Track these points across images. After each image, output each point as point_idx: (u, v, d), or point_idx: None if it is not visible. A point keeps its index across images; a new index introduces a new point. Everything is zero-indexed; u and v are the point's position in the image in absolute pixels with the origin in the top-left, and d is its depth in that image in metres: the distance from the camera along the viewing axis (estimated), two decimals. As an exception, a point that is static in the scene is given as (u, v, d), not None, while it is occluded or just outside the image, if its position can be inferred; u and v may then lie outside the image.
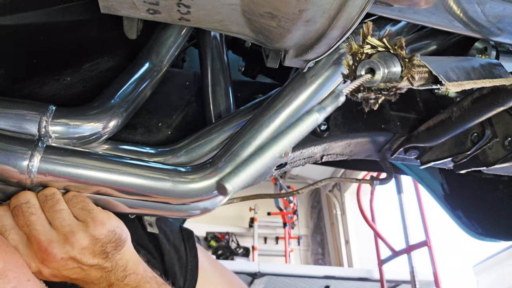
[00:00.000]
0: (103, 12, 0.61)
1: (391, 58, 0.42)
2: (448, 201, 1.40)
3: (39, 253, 0.70)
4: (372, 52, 0.42)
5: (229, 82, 0.97)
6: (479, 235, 1.35)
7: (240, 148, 0.78)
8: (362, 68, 0.43)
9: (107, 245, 0.73)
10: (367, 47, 0.42)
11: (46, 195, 0.72)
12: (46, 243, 0.69)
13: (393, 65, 0.42)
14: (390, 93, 0.42)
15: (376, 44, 0.42)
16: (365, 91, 0.44)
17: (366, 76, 0.42)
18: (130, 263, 0.77)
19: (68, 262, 0.71)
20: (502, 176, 1.30)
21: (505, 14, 0.60)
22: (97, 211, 0.74)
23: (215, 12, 0.60)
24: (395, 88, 0.42)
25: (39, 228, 0.70)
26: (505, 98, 0.82)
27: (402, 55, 0.41)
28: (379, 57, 0.42)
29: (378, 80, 0.42)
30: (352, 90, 0.44)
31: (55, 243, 0.69)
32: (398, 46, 0.41)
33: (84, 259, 0.71)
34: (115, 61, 0.92)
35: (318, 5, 0.51)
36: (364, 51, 0.42)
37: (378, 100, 0.44)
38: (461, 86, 0.49)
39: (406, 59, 0.41)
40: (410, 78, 0.41)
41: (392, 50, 0.41)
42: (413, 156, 1.17)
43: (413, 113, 1.14)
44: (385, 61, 0.41)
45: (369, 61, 0.42)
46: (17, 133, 0.71)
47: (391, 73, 0.42)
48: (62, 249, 0.70)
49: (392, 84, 0.42)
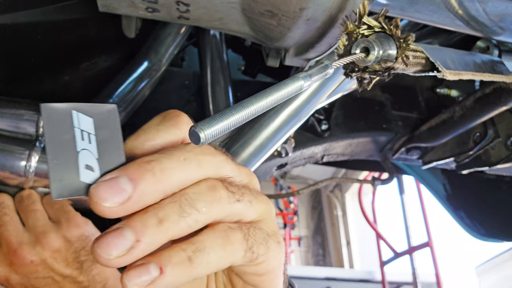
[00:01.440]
0: (102, 10, 0.61)
1: (387, 40, 0.41)
2: (450, 202, 1.40)
3: (8, 255, 0.66)
4: (368, 33, 0.42)
5: (229, 81, 0.96)
6: (482, 236, 1.34)
7: (240, 148, 0.77)
8: (357, 47, 0.42)
9: (80, 252, 0.68)
10: (363, 27, 0.42)
11: (22, 196, 0.70)
12: (16, 244, 0.65)
13: (388, 47, 0.41)
14: (384, 74, 0.42)
15: (372, 24, 0.41)
16: (360, 71, 0.43)
17: (359, 54, 0.41)
18: (110, 281, 0.71)
19: (38, 267, 0.66)
20: (504, 176, 1.30)
21: (507, 12, 0.60)
22: (74, 214, 0.70)
23: (214, 10, 0.59)
24: (389, 69, 0.41)
25: (10, 229, 0.66)
26: (507, 97, 0.82)
27: (397, 35, 0.40)
28: (375, 38, 0.42)
29: (372, 60, 0.41)
30: (347, 69, 0.44)
31: (25, 245, 0.65)
32: (394, 26, 0.41)
33: (56, 266, 0.66)
34: (113, 60, 0.91)
35: (319, 4, 0.50)
36: (360, 32, 0.42)
37: (372, 80, 0.44)
38: (459, 75, 0.48)
39: (401, 39, 0.41)
40: (404, 58, 0.41)
41: (388, 30, 0.41)
42: (415, 156, 1.16)
43: (415, 112, 1.14)
44: (381, 42, 0.41)
45: (364, 39, 0.41)
46: (14, 133, 0.71)
47: (386, 55, 0.41)
48: (32, 250, 0.65)
49: (386, 65, 0.41)
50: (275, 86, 0.34)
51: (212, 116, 0.30)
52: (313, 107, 0.80)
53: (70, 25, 0.75)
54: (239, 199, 0.36)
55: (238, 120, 0.31)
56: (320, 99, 0.80)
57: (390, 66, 0.41)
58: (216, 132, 0.30)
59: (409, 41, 0.41)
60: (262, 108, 0.33)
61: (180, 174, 0.33)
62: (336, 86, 0.79)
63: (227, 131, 0.31)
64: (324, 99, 0.81)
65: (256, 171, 0.95)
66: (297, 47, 0.66)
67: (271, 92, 0.34)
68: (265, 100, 0.33)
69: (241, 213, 0.36)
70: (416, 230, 4.29)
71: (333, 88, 0.80)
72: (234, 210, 0.35)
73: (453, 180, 1.40)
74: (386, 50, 0.41)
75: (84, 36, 0.82)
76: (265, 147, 0.78)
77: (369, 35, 0.42)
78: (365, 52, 0.41)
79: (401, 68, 0.42)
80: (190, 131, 0.29)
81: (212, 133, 0.29)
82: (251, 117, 0.33)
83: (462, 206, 1.38)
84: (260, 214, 0.38)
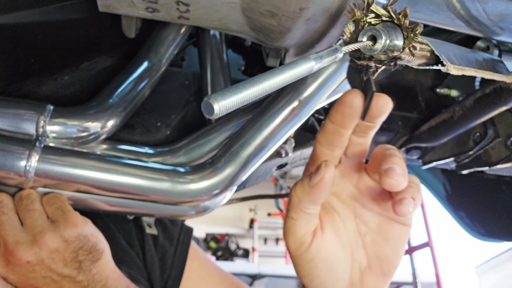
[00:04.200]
0: (101, 10, 0.61)
1: (394, 30, 0.41)
2: (450, 202, 1.40)
3: (5, 255, 0.65)
4: (376, 22, 0.42)
5: (229, 81, 0.96)
6: (482, 236, 1.34)
7: (240, 148, 0.77)
8: (364, 35, 0.42)
9: (78, 251, 0.68)
10: (371, 15, 0.42)
11: (21, 195, 0.69)
12: (13, 244, 0.65)
13: (395, 36, 0.41)
14: (390, 63, 0.42)
15: (380, 12, 0.41)
16: (365, 59, 0.43)
17: (366, 42, 0.41)
18: (110, 280, 0.70)
19: (36, 268, 0.65)
20: (504, 176, 1.30)
21: (507, 12, 0.60)
22: (73, 213, 0.70)
23: (214, 10, 0.59)
24: (395, 59, 0.41)
25: (7, 228, 0.66)
26: (507, 97, 0.82)
27: (405, 25, 0.40)
28: (382, 27, 0.42)
29: (379, 49, 0.41)
30: (353, 57, 0.44)
31: (22, 245, 0.65)
32: (402, 15, 0.40)
33: (54, 265, 0.66)
34: (113, 60, 0.91)
35: (319, 4, 0.50)
36: (367, 20, 0.42)
37: (378, 69, 0.44)
38: (462, 70, 0.48)
39: (409, 29, 0.40)
40: (411, 48, 0.41)
41: (396, 20, 0.41)
42: (415, 156, 1.16)
43: (415, 112, 1.14)
44: (388, 32, 0.41)
45: (371, 28, 0.41)
46: (14, 133, 0.71)
47: (393, 45, 0.41)
48: (29, 250, 0.65)
49: (393, 55, 0.41)
50: (288, 64, 0.34)
51: (225, 88, 0.30)
52: (313, 107, 0.80)
53: (70, 25, 0.75)
54: None
55: (251, 95, 0.31)
56: (320, 99, 0.80)
57: (397, 56, 0.41)
58: (230, 105, 0.29)
59: (417, 31, 0.40)
60: (275, 85, 0.33)
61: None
62: (336, 86, 0.79)
63: (239, 105, 0.30)
64: (324, 99, 0.81)
65: (256, 171, 0.96)
66: (297, 47, 0.66)
67: (283, 70, 0.34)
68: (277, 77, 0.33)
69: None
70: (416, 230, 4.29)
71: (333, 88, 0.80)
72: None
73: (453, 180, 1.41)
74: (393, 39, 0.41)
75: (84, 36, 0.82)
76: (265, 147, 0.78)
77: (376, 24, 0.42)
78: (372, 40, 0.41)
79: (407, 59, 0.42)
80: (204, 102, 0.29)
81: (226, 105, 0.29)
82: (264, 94, 0.32)
83: (462, 206, 1.38)
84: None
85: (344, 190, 0.58)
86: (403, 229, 0.56)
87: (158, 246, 0.96)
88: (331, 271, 0.56)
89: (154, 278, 0.91)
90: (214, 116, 0.29)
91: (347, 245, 0.57)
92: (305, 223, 0.55)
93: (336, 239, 0.57)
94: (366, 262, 0.57)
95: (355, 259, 0.57)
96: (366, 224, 0.57)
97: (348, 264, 0.57)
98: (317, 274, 0.56)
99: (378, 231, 0.56)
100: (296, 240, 0.56)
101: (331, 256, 0.56)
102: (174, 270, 0.95)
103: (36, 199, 0.70)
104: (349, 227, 0.58)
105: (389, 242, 0.56)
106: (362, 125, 0.51)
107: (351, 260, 0.57)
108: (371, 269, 0.57)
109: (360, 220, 0.58)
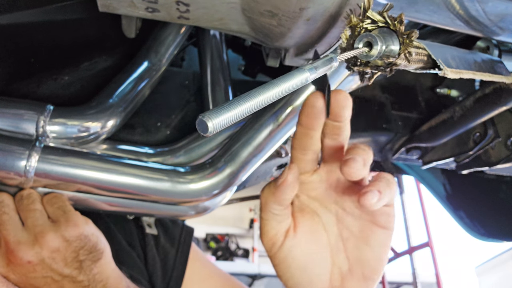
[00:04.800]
0: (102, 10, 0.61)
1: (390, 35, 0.41)
2: (450, 202, 1.40)
3: (6, 254, 0.65)
4: (372, 28, 0.42)
5: (229, 81, 0.96)
6: (482, 236, 1.34)
7: (240, 148, 0.77)
8: (360, 41, 0.42)
9: (79, 251, 0.68)
10: (367, 21, 0.42)
11: (22, 195, 0.70)
12: (14, 244, 0.65)
13: (391, 42, 0.41)
14: (386, 69, 0.42)
15: (376, 18, 0.41)
16: (362, 65, 0.43)
17: (363, 48, 0.41)
18: (111, 280, 0.70)
19: (37, 267, 0.65)
20: (504, 176, 1.30)
21: (507, 12, 0.60)
22: (73, 213, 0.70)
23: (214, 10, 0.59)
24: (391, 65, 0.41)
25: (8, 228, 0.66)
26: (507, 97, 0.82)
27: (401, 31, 0.40)
28: (378, 32, 0.42)
29: (375, 55, 0.41)
30: (349, 63, 0.44)
31: (23, 245, 0.65)
32: (398, 21, 0.40)
33: (55, 265, 0.66)
34: (113, 60, 0.91)
35: (319, 4, 0.50)
36: (364, 26, 0.42)
37: (374, 75, 0.44)
38: (460, 73, 0.48)
39: (404, 35, 0.40)
40: (407, 54, 0.41)
41: (392, 25, 0.41)
42: (415, 156, 1.16)
43: (415, 112, 1.14)
44: (384, 37, 0.41)
45: (367, 34, 0.41)
46: (14, 132, 0.71)
47: (389, 50, 0.41)
48: (30, 251, 0.65)
49: (389, 60, 0.41)
50: (282, 77, 0.34)
51: (219, 105, 0.30)
52: (313, 107, 0.80)
53: (70, 25, 0.75)
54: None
55: (245, 110, 0.31)
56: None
57: (392, 62, 0.41)
58: (224, 122, 0.29)
59: (412, 37, 0.41)
60: (269, 99, 0.33)
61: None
62: (335, 86, 0.79)
63: (234, 121, 0.30)
64: (324, 99, 0.81)
65: (256, 171, 0.96)
66: (297, 47, 0.66)
67: (278, 83, 0.33)
68: (272, 91, 0.33)
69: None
70: (416, 230, 4.29)
71: (333, 88, 0.80)
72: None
73: (453, 180, 1.40)
74: (389, 45, 0.41)
75: (84, 36, 0.82)
76: (265, 147, 0.78)
77: (372, 29, 0.42)
78: (368, 46, 0.41)
79: (403, 64, 0.42)
80: (198, 120, 0.29)
81: (220, 123, 0.29)
82: (258, 108, 0.32)
83: (462, 206, 1.38)
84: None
85: (324, 194, 0.59)
86: (385, 233, 0.57)
87: (160, 247, 0.97)
88: (306, 272, 0.57)
89: (156, 279, 0.91)
90: (208, 133, 0.29)
91: (325, 248, 0.58)
92: (276, 224, 0.56)
93: (311, 241, 0.58)
94: (347, 266, 0.58)
95: (335, 263, 0.58)
96: (348, 229, 0.58)
97: (327, 267, 0.58)
98: (291, 274, 0.57)
99: (360, 236, 0.57)
100: (269, 240, 0.58)
101: (304, 257, 0.57)
102: (176, 271, 0.96)
103: (37, 199, 0.70)
104: (331, 231, 0.59)
105: (371, 247, 0.56)
106: (330, 125, 0.52)
107: (330, 264, 0.58)
108: (352, 274, 0.57)
109: (343, 225, 0.58)
